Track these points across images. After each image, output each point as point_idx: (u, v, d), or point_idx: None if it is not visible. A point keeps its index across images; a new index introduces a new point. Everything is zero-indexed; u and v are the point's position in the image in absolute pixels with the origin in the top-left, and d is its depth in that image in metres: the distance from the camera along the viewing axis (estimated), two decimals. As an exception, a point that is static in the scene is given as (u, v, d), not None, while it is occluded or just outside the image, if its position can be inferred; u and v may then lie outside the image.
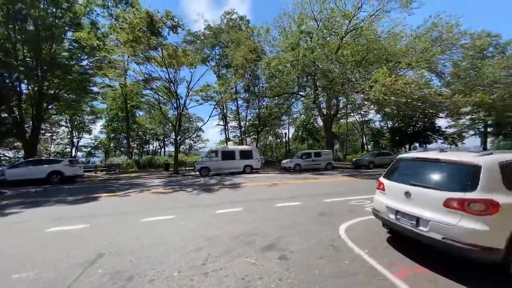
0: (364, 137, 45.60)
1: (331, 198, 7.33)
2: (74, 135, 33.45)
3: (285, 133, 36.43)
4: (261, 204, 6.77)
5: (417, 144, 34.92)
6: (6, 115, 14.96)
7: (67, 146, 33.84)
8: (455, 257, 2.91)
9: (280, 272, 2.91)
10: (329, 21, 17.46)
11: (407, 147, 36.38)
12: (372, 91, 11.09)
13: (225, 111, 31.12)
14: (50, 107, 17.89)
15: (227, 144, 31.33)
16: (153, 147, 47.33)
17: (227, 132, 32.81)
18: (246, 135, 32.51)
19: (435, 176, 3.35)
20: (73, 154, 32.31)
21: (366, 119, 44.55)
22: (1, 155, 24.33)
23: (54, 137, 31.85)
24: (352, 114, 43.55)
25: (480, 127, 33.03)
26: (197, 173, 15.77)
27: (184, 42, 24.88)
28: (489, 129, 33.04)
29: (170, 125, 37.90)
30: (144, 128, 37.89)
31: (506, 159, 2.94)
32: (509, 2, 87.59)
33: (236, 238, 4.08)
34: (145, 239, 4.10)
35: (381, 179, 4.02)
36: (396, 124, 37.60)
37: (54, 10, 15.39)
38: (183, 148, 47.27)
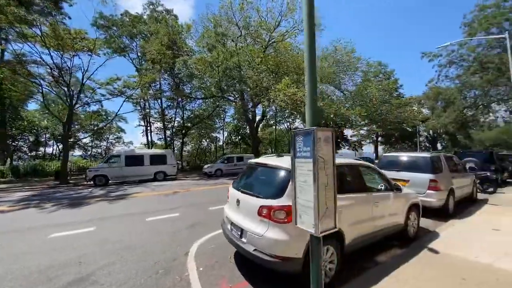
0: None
1: (221, 205, 6.94)
2: None
3: (216, 137, 35.56)
4: (129, 219, 5.73)
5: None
6: None
7: None
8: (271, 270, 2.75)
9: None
10: (251, 30, 17.97)
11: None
12: (278, 99, 11.81)
13: (147, 110, 27.83)
14: None
15: (150, 147, 28.07)
16: (53, 150, 37.97)
17: (150, 134, 29.43)
18: (174, 139, 30.00)
19: (258, 182, 3.26)
20: None
21: (293, 126, 48.59)
22: None
23: None
24: (281, 121, 46.81)
25: (373, 136, 41.12)
26: (91, 182, 13.02)
27: (94, 26, 20.96)
28: (379, 139, 41.82)
29: (77, 123, 31.45)
30: (35, 126, 29.88)
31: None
32: (392, 40, 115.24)
33: (34, 274, 2.98)
34: None
35: (230, 186, 3.75)
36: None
37: None
38: (96, 152, 39.93)
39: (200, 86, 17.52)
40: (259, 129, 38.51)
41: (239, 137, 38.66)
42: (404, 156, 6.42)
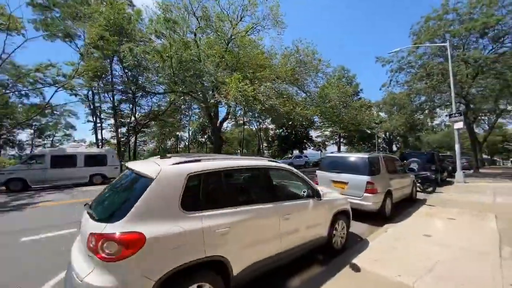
0: (261, 143, 49.51)
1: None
2: None
3: (179, 136, 33.50)
4: (-4, 239, 4.32)
5: (296, 151, 41.36)
6: None
7: None
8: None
9: None
10: (211, 22, 16.85)
11: (292, 152, 42.24)
12: (230, 95, 11.02)
13: (97, 104, 24.80)
14: None
15: (101, 146, 25.07)
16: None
17: (100, 131, 26.35)
18: (131, 137, 27.28)
19: (110, 196, 2.34)
20: None
21: (264, 126, 48.49)
22: None
23: None
24: (251, 120, 46.37)
25: (336, 137, 42.94)
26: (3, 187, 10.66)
27: (30, 5, 17.77)
28: (342, 140, 43.89)
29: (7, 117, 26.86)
30: None
31: (198, 170, 2.20)
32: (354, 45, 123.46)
33: None
34: None
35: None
36: (283, 133, 43.17)
37: None
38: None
39: (157, 80, 15.78)
40: (223, 128, 37.48)
41: (206, 136, 37.11)
42: (344, 157, 6.05)
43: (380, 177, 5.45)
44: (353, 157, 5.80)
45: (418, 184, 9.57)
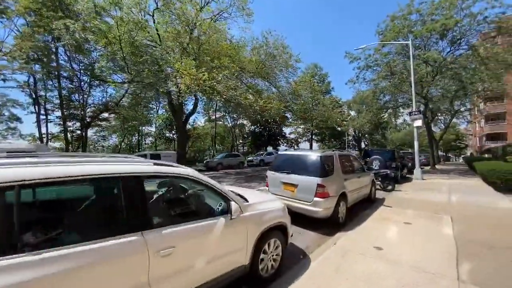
0: (235, 140, 48.33)
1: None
2: None
3: (141, 130, 30.97)
4: None
5: (270, 148, 41.07)
6: None
7: None
8: None
9: None
10: (172, 4, 15.15)
11: (265, 149, 41.82)
12: (182, 82, 9.73)
13: (41, 93, 21.49)
14: None
15: (47, 141, 21.93)
16: None
17: (46, 124, 22.98)
18: (83, 131, 24.21)
19: None
20: None
21: (238, 123, 47.33)
22: None
23: None
24: (225, 116, 45.03)
25: (309, 134, 43.52)
26: None
27: None
28: (314, 137, 44.67)
29: None
30: None
31: None
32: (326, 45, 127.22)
33: None
34: None
35: None
36: (256, 129, 42.50)
37: None
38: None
39: (107, 66, 13.66)
40: (192, 123, 35.56)
41: (174, 132, 34.82)
42: (296, 155, 5.29)
43: (333, 178, 4.77)
44: (305, 155, 5.05)
45: (378, 183, 9.38)
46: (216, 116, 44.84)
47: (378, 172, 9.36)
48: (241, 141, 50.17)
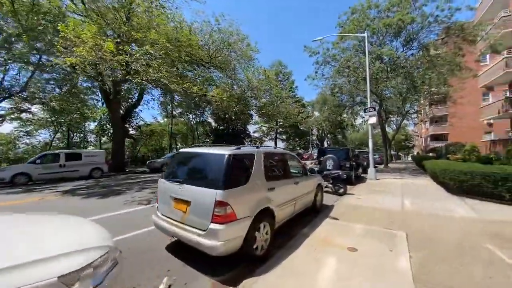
0: (198, 138, 45.30)
1: None
2: None
3: (71, 125, 26.45)
4: None
5: (233, 147, 39.04)
6: None
7: None
8: None
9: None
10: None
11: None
12: (78, 52, 7.31)
13: None
14: None
15: None
16: None
17: None
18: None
19: None
20: None
21: (201, 119, 44.41)
22: None
23: None
24: (187, 113, 41.84)
25: (273, 133, 42.88)
26: None
27: None
28: (279, 136, 44.20)
29: None
30: None
31: None
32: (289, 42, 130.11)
33: None
34: None
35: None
36: (220, 127, 40.26)
37: None
38: None
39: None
40: (138, 118, 31.72)
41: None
42: (199, 153, 3.50)
43: (247, 189, 3.09)
44: (209, 154, 3.28)
45: (329, 185, 8.24)
46: (177, 112, 41.41)
47: (329, 173, 8.21)
48: (207, 140, 47.28)
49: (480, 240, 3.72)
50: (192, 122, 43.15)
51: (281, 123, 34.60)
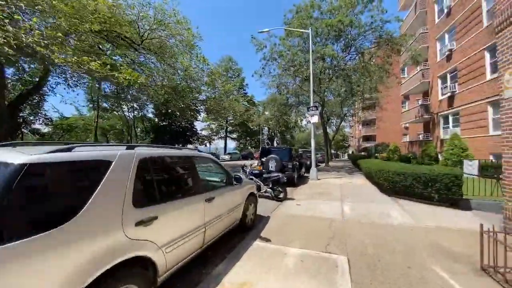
0: (135, 135, 39.71)
1: None
2: None
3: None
4: None
5: (179, 146, 35.80)
6: None
7: None
8: None
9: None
10: None
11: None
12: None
13: None
14: None
15: None
16: None
17: None
18: None
19: None
20: None
21: (141, 114, 38.99)
22: None
23: None
24: (122, 105, 36.06)
25: (222, 132, 41.25)
26: None
27: None
28: (229, 135, 42.83)
29: None
30: None
31: None
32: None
33: None
34: None
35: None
36: (161, 123, 36.15)
37: None
38: None
39: None
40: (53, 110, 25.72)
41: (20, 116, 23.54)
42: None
43: (73, 233, 1.54)
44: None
45: (269, 190, 7.26)
46: (108, 104, 35.20)
47: (268, 177, 7.23)
48: (146, 137, 41.81)
49: (426, 260, 3.10)
50: (128, 117, 37.47)
51: (231, 121, 33.25)
